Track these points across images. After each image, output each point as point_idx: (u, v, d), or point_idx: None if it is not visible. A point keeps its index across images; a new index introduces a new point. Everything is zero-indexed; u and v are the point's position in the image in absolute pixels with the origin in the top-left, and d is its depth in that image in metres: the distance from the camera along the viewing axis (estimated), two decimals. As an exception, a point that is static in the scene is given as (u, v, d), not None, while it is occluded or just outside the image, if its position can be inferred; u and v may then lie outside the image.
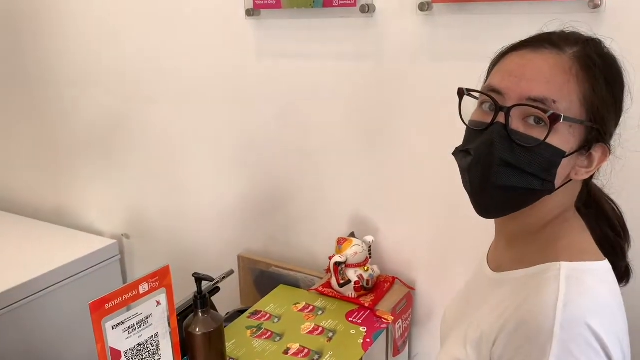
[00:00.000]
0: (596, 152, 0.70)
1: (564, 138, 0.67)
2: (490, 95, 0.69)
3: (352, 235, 1.37)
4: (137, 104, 1.72)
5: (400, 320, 1.31)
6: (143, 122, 1.73)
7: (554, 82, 0.66)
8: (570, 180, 0.72)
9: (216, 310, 1.28)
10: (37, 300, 1.65)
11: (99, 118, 1.83)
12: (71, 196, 2.01)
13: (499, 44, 0.76)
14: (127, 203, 1.88)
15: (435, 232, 1.33)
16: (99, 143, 1.86)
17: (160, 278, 0.91)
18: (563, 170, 0.69)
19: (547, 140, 0.66)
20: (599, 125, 0.68)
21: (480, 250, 1.27)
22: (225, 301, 1.50)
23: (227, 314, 1.46)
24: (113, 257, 1.87)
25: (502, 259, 0.80)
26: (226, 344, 1.16)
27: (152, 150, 1.74)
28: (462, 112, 0.73)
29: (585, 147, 0.69)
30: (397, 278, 1.38)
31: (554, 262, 0.68)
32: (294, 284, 1.45)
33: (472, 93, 0.73)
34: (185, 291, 1.16)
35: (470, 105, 0.74)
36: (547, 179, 0.68)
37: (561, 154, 0.67)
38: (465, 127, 0.74)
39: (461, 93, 0.74)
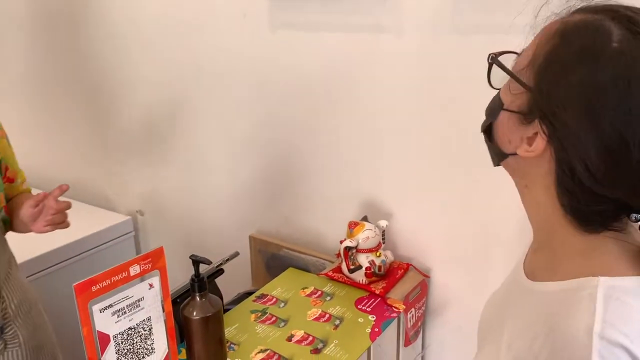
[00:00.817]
0: (536, 133, 0.59)
1: (505, 91, 0.64)
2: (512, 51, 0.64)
3: (365, 219, 1.30)
4: (146, 82, 1.68)
5: (413, 309, 1.25)
6: (156, 100, 1.69)
7: (535, 40, 0.61)
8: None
9: (219, 293, 1.25)
10: (51, 274, 1.65)
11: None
12: (87, 172, 2.00)
13: (523, 18, 0.68)
14: (142, 180, 1.85)
15: (453, 219, 1.25)
16: (113, 119, 1.83)
17: (154, 260, 0.87)
18: (508, 131, 0.63)
19: (493, 84, 0.65)
20: (542, 107, 0.58)
21: (501, 239, 1.20)
22: (236, 282, 1.46)
23: (237, 294, 1.42)
24: (127, 233, 1.86)
25: (535, 263, 0.70)
26: (228, 328, 1.13)
27: (166, 128, 1.71)
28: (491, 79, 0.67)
29: (524, 116, 0.60)
30: (411, 265, 1.32)
31: (591, 277, 0.58)
32: (304, 267, 1.40)
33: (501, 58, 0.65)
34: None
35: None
36: (490, 123, 0.66)
37: (500, 104, 0.64)
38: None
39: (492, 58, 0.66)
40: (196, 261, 0.97)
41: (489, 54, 0.64)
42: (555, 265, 0.64)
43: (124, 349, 0.86)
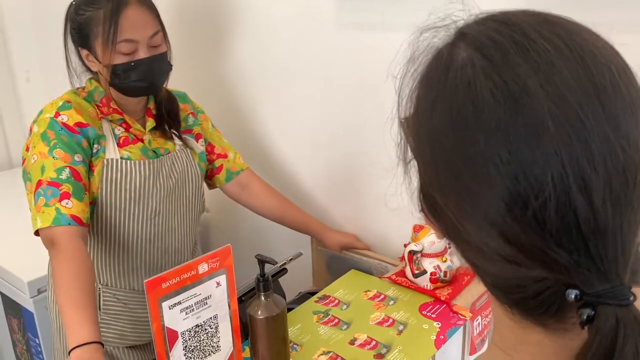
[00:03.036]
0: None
1: None
2: None
3: (431, 222, 1.27)
4: (218, 79, 1.71)
5: (479, 317, 1.21)
6: (225, 97, 1.72)
7: None
8: None
9: (282, 292, 1.25)
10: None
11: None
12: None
13: None
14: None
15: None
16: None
17: (221, 259, 0.88)
18: None
19: None
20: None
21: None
22: (297, 281, 1.46)
23: (298, 293, 1.42)
24: (193, 229, 1.89)
25: None
26: (291, 328, 1.13)
27: (231, 126, 1.73)
28: None
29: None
30: (478, 271, 1.27)
31: None
32: (366, 270, 1.38)
33: None
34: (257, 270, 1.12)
35: None
36: None
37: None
38: None
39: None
40: (262, 261, 0.97)
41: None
42: None
43: (190, 346, 0.87)
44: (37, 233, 1.10)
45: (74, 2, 1.17)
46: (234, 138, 1.72)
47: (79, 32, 1.15)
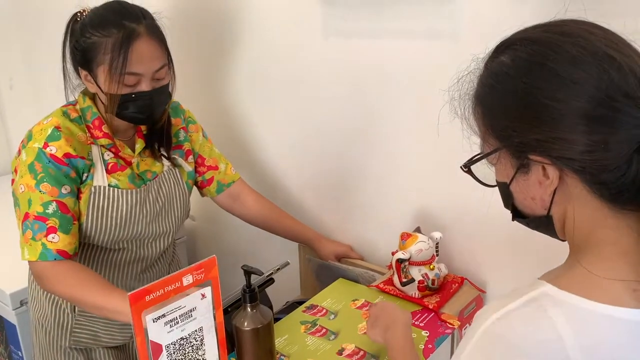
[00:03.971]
0: (541, 167, 0.62)
1: (498, 174, 0.69)
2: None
3: (418, 230, 1.27)
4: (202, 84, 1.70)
5: (467, 325, 1.21)
6: (214, 107, 1.71)
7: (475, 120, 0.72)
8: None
9: (269, 302, 1.24)
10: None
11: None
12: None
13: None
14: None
15: (511, 231, 1.20)
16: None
17: (206, 270, 0.86)
18: (526, 192, 0.65)
19: (490, 183, 0.73)
20: (517, 144, 0.62)
21: (562, 257, 1.14)
22: (285, 290, 1.45)
23: (285, 303, 1.41)
24: (179, 238, 1.87)
25: None
26: (278, 339, 1.11)
27: (220, 137, 1.72)
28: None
29: (521, 167, 0.64)
30: (466, 279, 1.27)
31: (544, 282, 0.62)
32: (354, 278, 1.37)
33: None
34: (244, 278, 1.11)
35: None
36: (513, 206, 0.70)
37: (505, 186, 0.68)
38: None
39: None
40: (248, 272, 0.96)
41: (461, 167, 0.72)
42: (561, 268, 0.67)
43: (175, 359, 0.85)
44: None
45: (79, 18, 1.14)
46: (224, 146, 1.71)
47: (83, 54, 1.11)
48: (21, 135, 1.18)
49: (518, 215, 0.70)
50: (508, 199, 0.69)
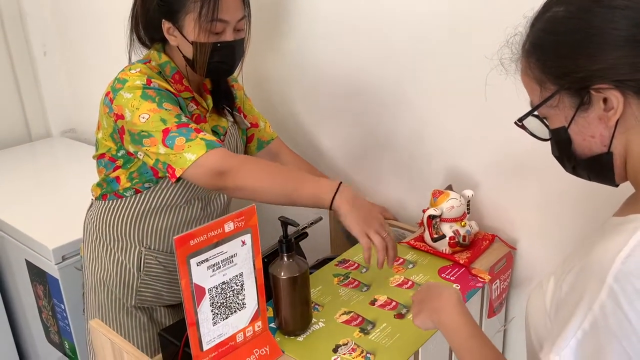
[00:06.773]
0: (601, 100, 0.65)
1: (553, 121, 0.70)
2: None
3: (450, 188, 1.28)
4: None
5: (497, 281, 1.22)
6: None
7: (524, 73, 0.73)
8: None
9: (303, 255, 1.27)
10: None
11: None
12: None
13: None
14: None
15: (544, 191, 1.21)
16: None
17: (246, 218, 0.89)
18: (585, 132, 0.67)
19: (544, 137, 0.73)
20: (578, 79, 0.65)
21: (592, 215, 1.14)
22: (315, 249, 1.48)
23: (316, 261, 1.44)
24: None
25: (624, 203, 0.75)
26: (312, 290, 1.15)
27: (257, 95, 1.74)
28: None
29: (582, 105, 0.66)
30: (497, 236, 1.28)
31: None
32: (385, 235, 1.39)
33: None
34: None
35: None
36: (572, 152, 0.70)
37: (562, 130, 0.69)
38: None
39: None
40: (285, 222, 0.99)
41: (515, 123, 0.73)
42: (636, 201, 0.68)
43: (217, 302, 0.89)
44: (174, 176, 1.08)
45: None
46: (259, 107, 1.74)
47: (169, 4, 1.13)
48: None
49: (574, 162, 0.71)
50: (566, 145, 0.70)
